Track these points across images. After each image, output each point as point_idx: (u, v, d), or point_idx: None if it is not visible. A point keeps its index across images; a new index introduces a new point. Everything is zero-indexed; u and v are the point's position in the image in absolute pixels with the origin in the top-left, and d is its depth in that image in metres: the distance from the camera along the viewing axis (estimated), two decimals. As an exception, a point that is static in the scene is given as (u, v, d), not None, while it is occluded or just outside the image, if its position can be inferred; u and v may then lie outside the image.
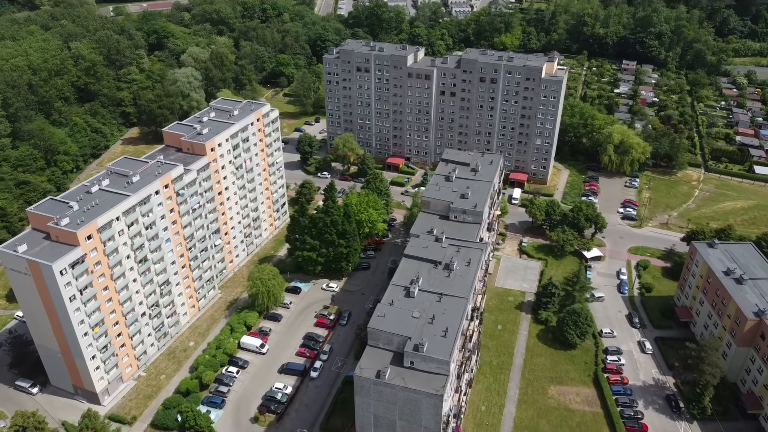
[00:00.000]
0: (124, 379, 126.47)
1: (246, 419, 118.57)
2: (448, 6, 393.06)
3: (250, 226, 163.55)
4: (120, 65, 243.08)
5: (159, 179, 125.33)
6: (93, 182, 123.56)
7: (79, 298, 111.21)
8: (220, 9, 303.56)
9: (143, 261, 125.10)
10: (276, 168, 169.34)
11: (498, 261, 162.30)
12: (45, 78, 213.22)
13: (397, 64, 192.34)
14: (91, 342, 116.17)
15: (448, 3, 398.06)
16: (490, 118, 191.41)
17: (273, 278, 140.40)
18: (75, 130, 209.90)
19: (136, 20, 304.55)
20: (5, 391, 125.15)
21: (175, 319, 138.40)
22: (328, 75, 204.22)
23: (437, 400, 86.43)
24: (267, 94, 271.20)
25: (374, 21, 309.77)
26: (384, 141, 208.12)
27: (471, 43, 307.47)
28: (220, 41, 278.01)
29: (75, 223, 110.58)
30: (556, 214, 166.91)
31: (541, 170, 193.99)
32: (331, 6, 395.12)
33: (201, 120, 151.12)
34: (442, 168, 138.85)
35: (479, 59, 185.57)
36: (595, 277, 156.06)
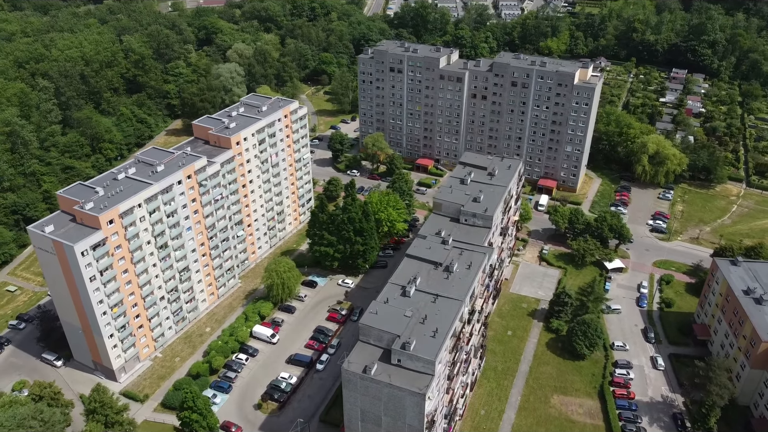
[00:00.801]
0: (140, 358, 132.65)
1: (250, 405, 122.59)
2: (498, 8, 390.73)
3: (274, 219, 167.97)
4: (168, 59, 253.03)
5: (182, 170, 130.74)
6: (120, 170, 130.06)
7: (99, 278, 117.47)
8: (269, 7, 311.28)
9: (163, 247, 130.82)
10: (303, 164, 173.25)
11: (516, 267, 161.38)
12: (96, 69, 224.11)
13: (430, 66, 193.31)
14: (110, 321, 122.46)
15: (498, 5, 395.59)
16: (520, 123, 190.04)
17: (288, 271, 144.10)
18: (121, 119, 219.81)
19: (189, 16, 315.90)
20: (32, 363, 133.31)
21: (194, 305, 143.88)
22: (362, 75, 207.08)
23: (420, 399, 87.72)
24: (308, 92, 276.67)
25: (419, 22, 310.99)
26: (414, 142, 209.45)
27: (516, 46, 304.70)
28: (266, 38, 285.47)
29: (98, 208, 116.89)
30: (579, 222, 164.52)
31: (571, 178, 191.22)
32: (381, 6, 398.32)
33: (230, 114, 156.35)
34: (458, 171, 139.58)
35: (511, 63, 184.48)
36: (615, 288, 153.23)
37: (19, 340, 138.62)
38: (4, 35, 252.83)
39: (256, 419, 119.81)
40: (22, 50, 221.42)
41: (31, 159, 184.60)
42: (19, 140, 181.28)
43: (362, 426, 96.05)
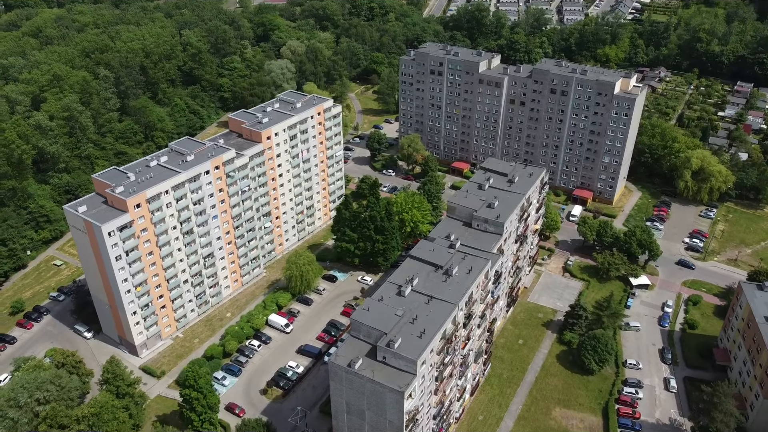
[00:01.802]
0: (162, 337, 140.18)
1: (256, 390, 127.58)
2: (562, 13, 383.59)
3: (303, 213, 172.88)
4: (225, 54, 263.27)
5: (210, 160, 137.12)
6: (154, 157, 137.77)
7: (125, 258, 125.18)
8: (327, 6, 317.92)
9: (189, 233, 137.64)
10: (335, 161, 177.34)
11: (538, 276, 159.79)
12: (155, 61, 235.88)
13: (470, 70, 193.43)
14: (133, 299, 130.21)
15: (563, 10, 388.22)
16: (558, 131, 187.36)
17: (308, 264, 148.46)
18: (175, 110, 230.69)
19: (252, 12, 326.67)
20: (66, 333, 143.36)
21: (217, 290, 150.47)
22: (404, 76, 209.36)
23: (399, 397, 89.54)
24: (357, 90, 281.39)
25: (474, 25, 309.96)
26: (452, 145, 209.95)
27: (572, 53, 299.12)
28: (321, 36, 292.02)
29: (127, 192, 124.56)
30: (607, 235, 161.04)
31: (608, 189, 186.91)
32: (441, 7, 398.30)
33: (265, 110, 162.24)
34: (478, 176, 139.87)
35: (551, 70, 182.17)
36: (638, 305, 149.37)
37: (57, 311, 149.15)
38: (78, 26, 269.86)
39: (260, 403, 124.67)
40: (90, 41, 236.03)
41: (87, 143, 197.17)
42: (77, 125, 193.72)
43: (348, 418, 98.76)
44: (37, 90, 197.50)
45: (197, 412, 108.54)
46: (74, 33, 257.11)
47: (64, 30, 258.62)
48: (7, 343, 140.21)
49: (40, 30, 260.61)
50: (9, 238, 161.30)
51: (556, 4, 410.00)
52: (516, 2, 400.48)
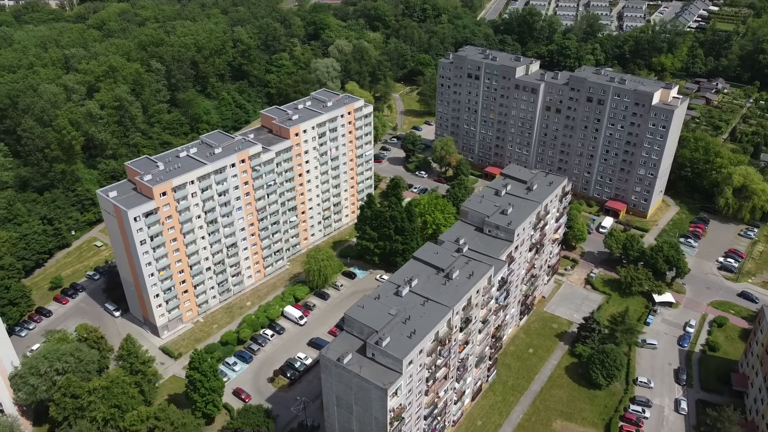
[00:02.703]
0: (183, 320, 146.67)
1: (264, 378, 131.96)
2: (622, 19, 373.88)
3: (330, 210, 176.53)
4: (274, 51, 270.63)
5: (237, 154, 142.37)
6: (184, 148, 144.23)
7: (149, 243, 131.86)
8: (379, 6, 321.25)
9: (213, 223, 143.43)
10: (364, 160, 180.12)
11: (558, 286, 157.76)
12: (206, 56, 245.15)
13: (506, 75, 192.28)
14: (156, 282, 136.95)
15: (623, 16, 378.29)
16: (593, 140, 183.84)
17: (327, 259, 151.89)
18: (222, 104, 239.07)
19: (307, 11, 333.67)
20: (97, 310, 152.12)
21: (239, 279, 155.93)
22: (441, 78, 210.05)
23: (383, 394, 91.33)
24: (402, 91, 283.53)
25: (525, 29, 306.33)
26: (486, 149, 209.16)
27: (626, 61, 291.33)
28: (370, 36, 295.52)
29: (155, 180, 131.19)
30: (633, 249, 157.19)
31: (642, 202, 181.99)
32: (498, 10, 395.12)
33: (297, 107, 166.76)
34: (496, 182, 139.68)
35: (589, 78, 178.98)
36: (658, 323, 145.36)
37: (91, 289, 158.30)
38: (139, 20, 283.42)
39: (266, 391, 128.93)
40: (147, 35, 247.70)
41: (135, 132, 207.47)
42: (127, 115, 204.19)
43: (337, 411, 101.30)
44: (93, 80, 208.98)
45: (200, 393, 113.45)
46: (135, 27, 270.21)
47: (126, 24, 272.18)
48: (44, 316, 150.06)
49: (105, 23, 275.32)
50: (55, 218, 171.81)
51: (617, 10, 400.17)
52: (575, 7, 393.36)
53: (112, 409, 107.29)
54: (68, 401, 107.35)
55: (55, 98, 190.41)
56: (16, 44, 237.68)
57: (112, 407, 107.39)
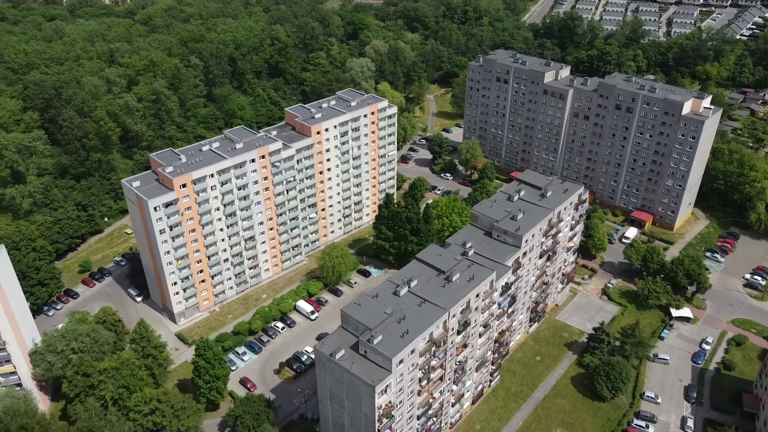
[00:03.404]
0: (200, 308, 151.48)
1: (271, 369, 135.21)
2: (671, 25, 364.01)
3: (350, 208, 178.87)
4: (311, 49, 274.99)
5: (257, 149, 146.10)
6: (208, 142, 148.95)
7: (168, 232, 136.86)
8: (418, 7, 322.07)
9: (231, 216, 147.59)
10: (387, 160, 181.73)
11: (574, 295, 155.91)
12: (244, 53, 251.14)
13: (535, 79, 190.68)
14: (174, 271, 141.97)
15: (672, 22, 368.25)
16: (621, 149, 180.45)
17: (341, 257, 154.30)
18: (257, 100, 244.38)
19: (348, 10, 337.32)
20: (120, 294, 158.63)
21: (257, 272, 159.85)
22: (471, 81, 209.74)
23: (371, 390, 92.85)
24: (436, 93, 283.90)
25: (566, 34, 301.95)
26: (513, 154, 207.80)
27: (669, 68, 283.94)
28: (407, 37, 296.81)
29: (176, 172, 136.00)
30: (653, 261, 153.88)
31: (669, 214, 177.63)
32: (543, 14, 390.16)
33: (321, 105, 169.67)
34: (509, 187, 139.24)
35: (618, 85, 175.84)
36: (673, 338, 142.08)
37: (117, 274, 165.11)
38: (184, 17, 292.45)
39: (271, 382, 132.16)
40: (189, 31, 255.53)
41: (170, 125, 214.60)
42: (164, 108, 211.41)
43: (330, 405, 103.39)
44: (134, 73, 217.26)
45: (205, 380, 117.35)
46: (179, 23, 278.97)
47: (170, 20, 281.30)
48: (71, 298, 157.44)
49: (151, 19, 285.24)
50: (90, 204, 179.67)
51: (667, 16, 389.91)
52: (623, 12, 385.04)
53: (120, 389, 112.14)
54: (80, 379, 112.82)
55: (96, 90, 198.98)
56: (66, 37, 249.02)
57: (120, 387, 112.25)
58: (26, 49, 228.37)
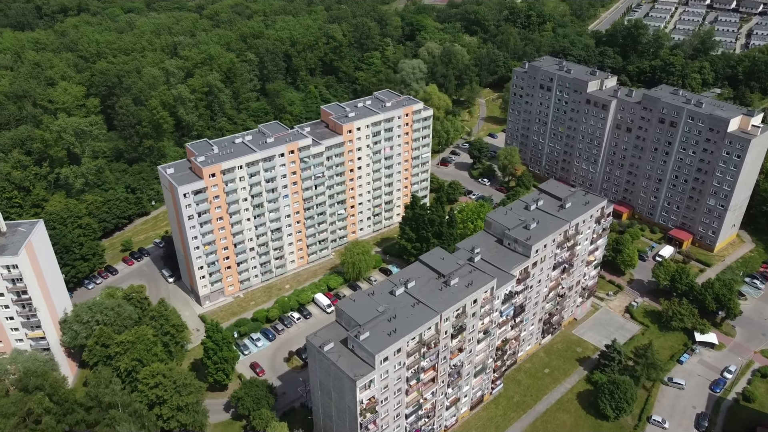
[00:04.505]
0: (225, 293, 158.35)
1: (281, 356, 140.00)
2: (750, 37, 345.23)
3: (381, 207, 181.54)
4: (366, 49, 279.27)
5: (286, 144, 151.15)
6: (241, 135, 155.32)
7: (196, 219, 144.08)
8: (479, 11, 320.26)
9: (259, 207, 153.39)
10: (420, 161, 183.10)
11: (594, 310, 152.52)
12: (299, 50, 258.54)
13: (578, 88, 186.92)
14: (201, 255, 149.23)
15: (752, 33, 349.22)
16: (663, 164, 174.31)
17: (362, 254, 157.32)
18: (308, 96, 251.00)
19: (411, 11, 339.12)
20: (155, 274, 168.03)
21: (282, 263, 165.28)
22: (515, 87, 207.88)
23: (352, 384, 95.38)
24: (489, 97, 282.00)
25: (629, 42, 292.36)
26: (553, 163, 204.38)
27: (738, 82, 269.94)
28: (464, 40, 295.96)
29: (206, 162, 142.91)
30: (682, 282, 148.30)
31: (710, 235, 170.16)
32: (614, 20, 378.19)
33: (356, 105, 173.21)
34: (529, 196, 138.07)
35: (663, 98, 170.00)
36: (693, 363, 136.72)
37: (155, 255, 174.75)
38: (248, 13, 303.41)
39: (280, 369, 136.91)
40: (249, 27, 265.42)
41: (222, 117, 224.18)
42: (216, 101, 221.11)
43: (320, 395, 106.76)
44: (191, 66, 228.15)
45: (213, 361, 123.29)
46: (243, 19, 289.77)
47: (234, 16, 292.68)
48: (111, 274, 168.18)
49: (217, 14, 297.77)
50: (139, 188, 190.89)
51: (748, 27, 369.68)
52: (699, 22, 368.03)
53: (133, 361, 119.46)
54: (98, 349, 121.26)
55: (154, 80, 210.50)
56: (136, 30, 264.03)
57: (134, 360, 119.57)
58: (98, 39, 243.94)
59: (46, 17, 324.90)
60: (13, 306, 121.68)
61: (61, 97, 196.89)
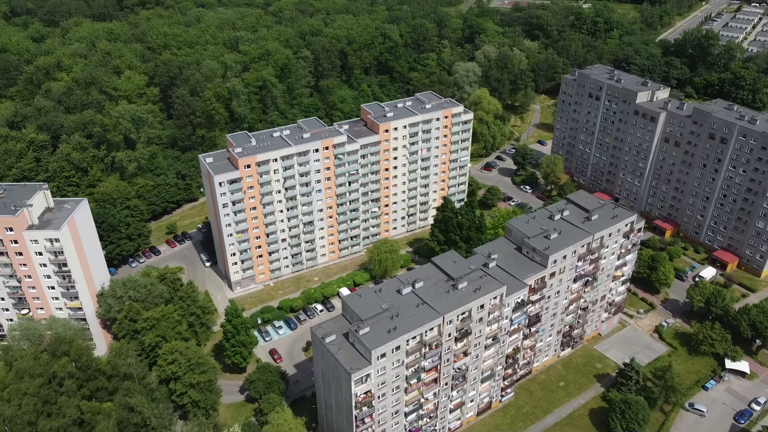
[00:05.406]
0: (255, 281, 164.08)
1: (300, 346, 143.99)
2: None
3: (416, 208, 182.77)
4: (423, 50, 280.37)
5: (321, 141, 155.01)
6: (278, 130, 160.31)
7: (230, 207, 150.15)
8: (542, 15, 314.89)
9: (292, 199, 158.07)
10: (459, 165, 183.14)
11: (621, 327, 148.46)
12: (356, 49, 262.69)
13: (627, 99, 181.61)
14: (234, 243, 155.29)
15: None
16: (711, 181, 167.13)
17: (389, 252, 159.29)
18: (360, 94, 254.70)
19: (473, 14, 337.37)
20: (194, 257, 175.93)
21: (313, 255, 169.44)
22: (563, 95, 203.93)
23: (348, 377, 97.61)
24: (545, 103, 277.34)
25: (698, 53, 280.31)
26: (598, 174, 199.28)
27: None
28: (524, 45, 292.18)
29: (243, 153, 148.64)
30: (717, 306, 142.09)
31: (757, 259, 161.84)
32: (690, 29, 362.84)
33: (396, 105, 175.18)
34: (556, 205, 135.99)
35: (715, 112, 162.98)
36: (720, 391, 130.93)
37: (196, 240, 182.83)
38: (311, 11, 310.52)
39: (297, 357, 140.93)
40: (308, 24, 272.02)
41: (273, 111, 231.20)
42: (269, 95, 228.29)
43: (322, 385, 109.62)
44: (249, 61, 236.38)
45: (231, 344, 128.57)
46: (305, 17, 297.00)
47: (297, 13, 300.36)
48: (154, 254, 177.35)
49: (281, 11, 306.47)
50: (189, 175, 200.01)
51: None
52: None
53: (157, 338, 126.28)
54: (127, 323, 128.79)
55: (211, 73, 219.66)
56: (203, 24, 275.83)
57: (158, 336, 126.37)
58: (166, 32, 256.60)
59: (126, 9, 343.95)
60: (54, 276, 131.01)
61: (125, 85, 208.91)
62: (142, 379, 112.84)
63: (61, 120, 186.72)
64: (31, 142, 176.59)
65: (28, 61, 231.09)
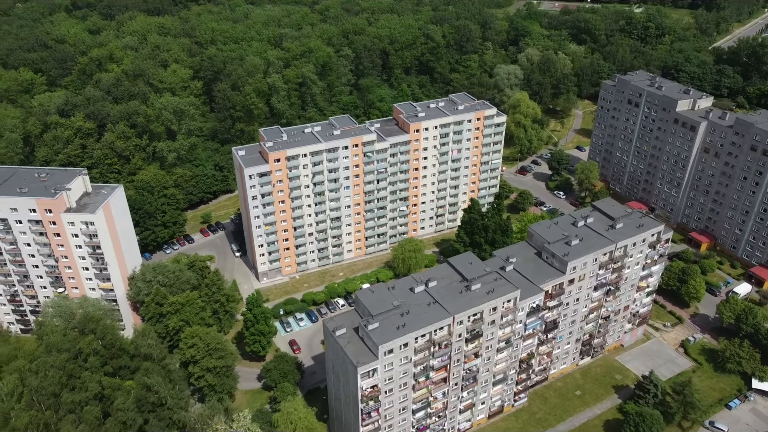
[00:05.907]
0: (282, 273, 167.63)
1: (319, 338, 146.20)
2: None
3: (444, 209, 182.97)
4: (465, 51, 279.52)
5: (350, 138, 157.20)
6: (310, 126, 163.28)
7: (260, 200, 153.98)
8: (590, 19, 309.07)
9: (320, 195, 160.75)
10: (490, 167, 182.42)
11: (646, 339, 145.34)
12: (397, 48, 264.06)
13: (666, 107, 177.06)
14: (262, 234, 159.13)
15: None
16: (752, 195, 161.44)
17: (414, 251, 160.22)
18: (399, 94, 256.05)
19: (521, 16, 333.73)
20: (225, 247, 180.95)
21: (339, 251, 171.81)
22: (602, 101, 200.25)
23: (354, 371, 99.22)
24: (587, 109, 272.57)
25: (753, 62, 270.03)
26: (635, 183, 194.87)
27: None
28: (570, 48, 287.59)
29: (273, 147, 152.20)
30: (747, 323, 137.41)
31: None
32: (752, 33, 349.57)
33: (429, 105, 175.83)
34: (580, 212, 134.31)
35: (758, 123, 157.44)
36: (744, 411, 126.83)
37: (228, 230, 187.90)
38: (357, 10, 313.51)
39: (316, 349, 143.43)
40: (352, 23, 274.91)
41: (312, 107, 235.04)
42: (308, 92, 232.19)
43: (333, 377, 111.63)
44: (291, 58, 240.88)
45: (250, 332, 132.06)
46: (350, 16, 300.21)
47: (343, 12, 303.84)
48: (188, 242, 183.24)
49: (327, 9, 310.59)
50: (226, 167, 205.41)
51: None
52: None
53: (181, 322, 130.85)
54: (153, 306, 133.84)
55: (253, 69, 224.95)
56: (249, 20, 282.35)
57: (181, 321, 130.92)
58: (214, 28, 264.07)
59: (179, 4, 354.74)
60: (89, 258, 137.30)
61: (170, 78, 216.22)
62: (162, 359, 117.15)
63: (108, 109, 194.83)
64: (79, 129, 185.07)
65: (83, 53, 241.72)
